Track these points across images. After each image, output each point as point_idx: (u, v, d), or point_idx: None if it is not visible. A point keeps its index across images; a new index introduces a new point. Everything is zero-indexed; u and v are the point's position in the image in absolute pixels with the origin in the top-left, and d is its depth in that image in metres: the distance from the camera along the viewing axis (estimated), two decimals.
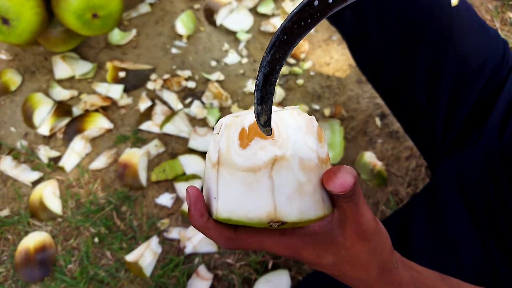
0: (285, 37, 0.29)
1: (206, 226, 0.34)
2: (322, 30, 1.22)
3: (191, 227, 0.94)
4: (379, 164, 1.01)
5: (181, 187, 0.97)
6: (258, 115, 0.31)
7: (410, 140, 1.03)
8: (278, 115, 0.34)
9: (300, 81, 1.13)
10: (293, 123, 0.34)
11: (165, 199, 0.97)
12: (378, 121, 1.07)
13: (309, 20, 0.28)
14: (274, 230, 0.36)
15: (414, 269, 0.42)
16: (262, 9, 1.24)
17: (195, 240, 0.92)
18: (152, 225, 0.96)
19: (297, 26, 0.28)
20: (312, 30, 1.22)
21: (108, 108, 1.09)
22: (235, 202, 0.33)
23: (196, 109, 1.07)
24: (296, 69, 1.15)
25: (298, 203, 0.33)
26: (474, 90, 0.69)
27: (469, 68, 0.69)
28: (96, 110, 1.08)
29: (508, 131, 0.65)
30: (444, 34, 0.68)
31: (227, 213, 0.33)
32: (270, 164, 0.32)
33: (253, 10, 1.25)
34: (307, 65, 1.15)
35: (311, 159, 0.33)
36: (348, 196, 0.32)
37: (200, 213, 0.34)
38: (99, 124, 1.05)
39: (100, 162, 1.02)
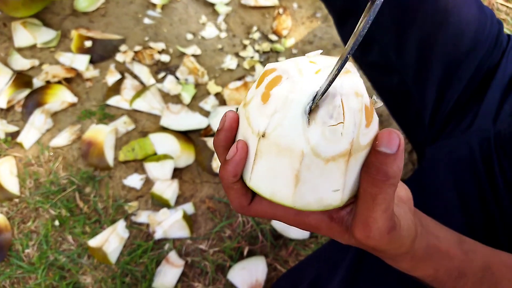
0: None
1: (232, 186, 0.32)
2: (306, 6, 1.15)
3: (162, 211, 0.87)
4: None
5: (151, 168, 0.90)
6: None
7: (394, 124, 0.99)
8: (355, 77, 0.31)
9: (281, 59, 1.07)
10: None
11: (134, 181, 0.90)
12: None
13: None
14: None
15: (431, 233, 0.38)
16: None
17: (165, 225, 0.85)
18: (118, 208, 0.89)
19: None
20: (295, 5, 1.15)
21: (72, 80, 1.00)
22: (351, 189, 0.31)
23: (169, 84, 1.00)
24: (278, 46, 1.08)
25: (350, 189, 0.31)
26: (467, 71, 0.65)
27: (462, 47, 0.66)
28: (59, 82, 0.98)
29: (503, 114, 0.62)
30: (439, 10, 0.64)
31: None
32: (370, 143, 0.30)
33: None
34: (289, 42, 1.09)
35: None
36: (385, 174, 0.29)
37: (235, 172, 0.31)
38: (61, 97, 0.96)
39: (62, 138, 0.93)
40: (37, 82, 0.98)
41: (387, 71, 0.72)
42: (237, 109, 0.33)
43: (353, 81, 0.30)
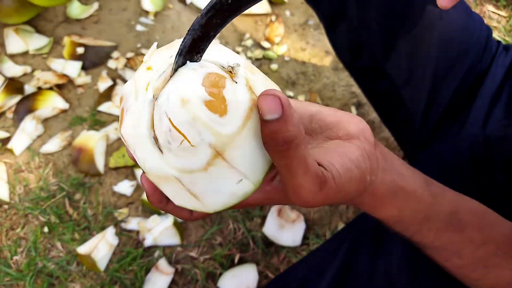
0: (229, 1, 0.26)
1: (166, 208, 0.34)
2: (299, 13, 1.16)
3: (152, 218, 0.86)
4: None
5: None
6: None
7: (386, 131, 0.99)
8: (192, 66, 0.29)
9: (274, 66, 1.07)
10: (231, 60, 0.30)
11: (124, 187, 0.89)
12: (354, 110, 1.03)
13: None
14: None
15: (396, 171, 0.36)
16: None
17: (155, 232, 0.85)
18: (108, 215, 0.88)
19: None
20: (288, 13, 1.16)
21: (64, 86, 0.99)
22: (260, 155, 0.30)
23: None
24: (270, 54, 1.08)
25: (256, 168, 0.30)
26: (456, 76, 0.65)
27: (452, 53, 0.66)
28: (50, 88, 0.98)
29: (492, 119, 0.62)
30: (428, 14, 0.64)
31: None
32: (252, 103, 0.29)
33: None
34: (281, 49, 1.09)
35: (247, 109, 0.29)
36: (278, 142, 0.27)
37: (159, 200, 0.33)
38: (52, 103, 0.96)
39: (53, 145, 0.93)
40: (29, 88, 0.98)
41: (377, 76, 0.72)
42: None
43: (181, 83, 0.28)
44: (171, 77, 0.28)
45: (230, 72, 0.29)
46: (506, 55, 0.68)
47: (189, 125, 0.27)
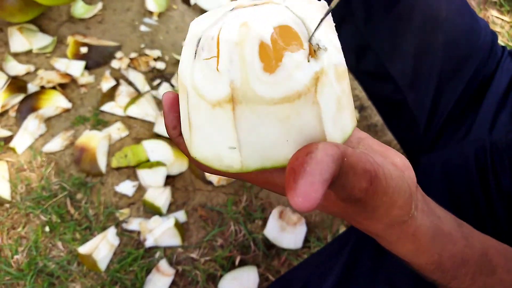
0: None
1: (178, 141, 0.30)
2: None
3: (153, 218, 0.86)
4: None
5: (144, 175, 0.89)
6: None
7: (388, 134, 0.99)
8: (281, 9, 0.25)
9: None
10: (309, 14, 0.25)
11: (126, 187, 0.89)
12: (356, 114, 1.03)
13: None
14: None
15: (434, 214, 0.34)
16: None
17: (156, 233, 0.84)
18: (109, 215, 0.88)
19: None
20: None
21: (67, 86, 0.99)
22: (269, 147, 0.25)
23: (164, 91, 1.00)
24: None
25: (340, 123, 0.26)
26: (462, 80, 0.65)
27: (457, 56, 0.66)
28: (54, 88, 0.98)
29: (499, 124, 0.62)
30: (433, 18, 0.64)
31: (259, 163, 0.25)
32: (313, 85, 0.24)
33: None
34: None
35: (341, 63, 0.26)
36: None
37: (173, 125, 0.29)
38: (55, 102, 0.96)
39: (55, 144, 0.93)
40: (32, 87, 0.98)
41: (381, 79, 0.72)
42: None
43: (259, 10, 0.25)
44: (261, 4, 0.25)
45: (314, 50, 0.25)
46: (511, 61, 0.68)
47: (230, 48, 0.23)
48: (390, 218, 0.29)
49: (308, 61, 0.24)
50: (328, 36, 0.26)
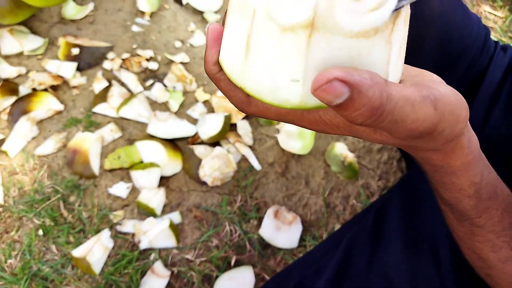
0: None
1: (217, 77, 0.28)
2: None
3: (147, 220, 0.86)
4: (350, 156, 0.96)
5: (138, 176, 0.88)
6: None
7: None
8: None
9: None
10: None
11: (120, 189, 0.89)
12: None
13: None
14: None
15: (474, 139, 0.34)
16: None
17: (151, 234, 0.84)
18: (103, 218, 0.88)
19: None
20: None
21: (59, 87, 0.99)
22: None
23: (157, 92, 0.99)
24: None
25: (397, 69, 0.25)
26: (455, 75, 0.65)
27: (450, 52, 0.65)
28: (45, 90, 0.97)
29: (492, 118, 0.62)
30: (425, 15, 0.64)
31: (319, 101, 0.24)
32: (391, 23, 0.23)
33: None
34: None
35: (409, 6, 0.25)
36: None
37: (215, 60, 0.27)
38: (47, 104, 0.95)
39: (48, 146, 0.92)
40: (23, 89, 0.97)
41: None
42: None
43: None
44: None
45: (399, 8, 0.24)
46: (504, 55, 0.67)
47: None
48: (456, 132, 0.29)
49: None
50: None
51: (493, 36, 1.18)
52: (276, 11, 0.22)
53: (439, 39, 0.63)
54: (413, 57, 0.65)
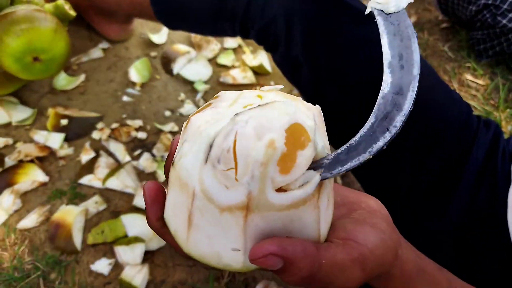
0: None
1: (163, 232, 0.30)
2: (283, 84, 1.18)
3: None
4: None
5: (121, 252, 0.85)
6: None
7: None
8: (286, 108, 0.26)
9: None
10: (310, 121, 0.27)
11: (102, 265, 0.85)
12: (339, 180, 1.02)
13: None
14: None
15: (414, 251, 0.37)
16: (221, 60, 1.19)
17: None
18: None
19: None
20: (272, 83, 1.18)
21: (45, 158, 0.98)
22: None
23: (145, 162, 0.99)
24: None
25: (327, 219, 0.29)
26: (438, 155, 0.65)
27: (432, 131, 0.66)
28: (31, 161, 0.96)
29: (478, 201, 0.61)
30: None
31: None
32: (317, 192, 0.27)
33: (213, 61, 1.20)
34: None
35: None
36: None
37: (157, 217, 0.30)
38: (33, 176, 0.93)
39: (30, 220, 0.90)
40: (9, 161, 0.96)
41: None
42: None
43: (273, 119, 0.25)
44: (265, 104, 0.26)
45: (324, 162, 0.27)
46: (486, 132, 0.68)
47: (254, 166, 0.24)
48: (383, 273, 0.32)
49: (314, 170, 0.26)
50: (324, 140, 0.28)
51: (476, 104, 1.21)
52: (214, 196, 0.26)
53: (420, 119, 0.64)
54: (395, 140, 0.66)
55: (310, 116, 0.27)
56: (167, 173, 0.30)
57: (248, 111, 0.26)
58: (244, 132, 0.25)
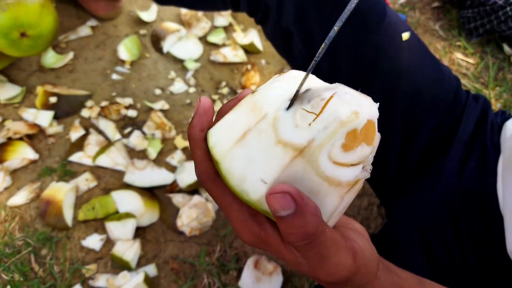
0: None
1: (199, 144, 0.30)
2: (274, 62, 1.18)
3: (121, 274, 0.82)
4: None
5: (112, 227, 0.86)
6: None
7: None
8: (373, 105, 0.29)
9: None
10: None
11: (93, 241, 0.86)
12: None
13: None
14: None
15: (394, 272, 0.38)
16: (212, 39, 1.19)
17: None
18: (75, 272, 0.84)
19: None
20: (263, 62, 1.18)
21: (34, 136, 0.97)
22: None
23: (135, 139, 0.98)
24: None
25: (336, 219, 0.31)
26: (427, 127, 0.66)
27: (422, 104, 0.67)
28: (20, 139, 0.96)
29: (467, 171, 0.62)
30: (395, 70, 0.65)
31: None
32: (351, 185, 0.29)
33: (203, 39, 1.19)
34: None
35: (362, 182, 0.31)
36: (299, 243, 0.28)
37: (202, 127, 0.30)
38: (22, 154, 0.93)
39: (21, 197, 0.89)
40: None
41: None
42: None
43: (365, 105, 0.28)
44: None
45: (369, 165, 0.29)
46: (476, 105, 0.69)
47: (332, 121, 0.26)
48: (365, 281, 0.32)
49: (362, 168, 0.29)
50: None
51: (466, 83, 1.22)
52: (281, 126, 0.27)
53: (409, 92, 0.64)
54: (385, 112, 0.67)
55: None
56: (189, 134, 0.31)
57: (348, 88, 0.28)
58: (342, 96, 0.27)
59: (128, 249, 0.84)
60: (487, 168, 0.62)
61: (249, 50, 1.18)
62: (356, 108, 0.27)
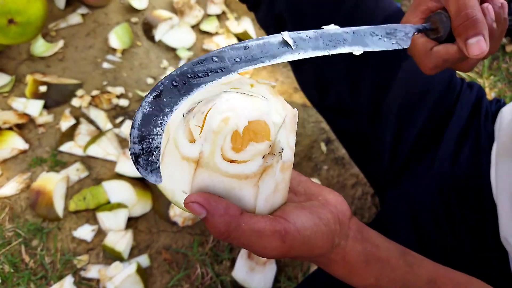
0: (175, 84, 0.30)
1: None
2: None
3: (113, 265, 0.82)
4: None
5: (104, 218, 0.85)
6: (135, 156, 0.29)
7: (355, 167, 0.98)
8: (263, 106, 0.32)
9: None
10: (279, 120, 0.33)
11: (85, 232, 0.85)
12: (323, 147, 1.02)
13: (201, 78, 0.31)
14: None
15: (370, 242, 0.39)
16: (205, 27, 1.17)
17: (117, 280, 0.80)
18: (67, 263, 0.83)
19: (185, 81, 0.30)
20: None
21: (24, 126, 0.96)
22: None
23: (127, 129, 0.97)
24: None
25: (272, 201, 0.33)
26: (422, 112, 0.65)
27: (415, 90, 0.66)
28: (10, 128, 0.94)
29: (462, 157, 0.61)
30: (390, 55, 0.64)
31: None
32: (259, 174, 0.32)
33: (196, 28, 1.17)
34: None
35: (290, 160, 0.34)
36: None
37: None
38: (12, 144, 0.91)
39: (10, 188, 0.88)
40: None
41: (344, 115, 0.72)
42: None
43: (244, 109, 0.31)
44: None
45: (276, 152, 0.32)
46: (470, 93, 0.68)
47: (208, 132, 0.30)
48: (314, 255, 0.35)
49: (263, 157, 0.32)
50: (288, 138, 0.33)
51: (460, 72, 1.21)
52: (179, 145, 0.32)
53: (404, 79, 0.64)
54: (378, 98, 0.66)
55: (283, 115, 0.33)
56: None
57: (233, 94, 0.32)
58: (219, 106, 0.31)
59: (120, 240, 0.83)
60: (481, 156, 0.62)
61: (243, 38, 1.16)
62: (227, 114, 0.30)
